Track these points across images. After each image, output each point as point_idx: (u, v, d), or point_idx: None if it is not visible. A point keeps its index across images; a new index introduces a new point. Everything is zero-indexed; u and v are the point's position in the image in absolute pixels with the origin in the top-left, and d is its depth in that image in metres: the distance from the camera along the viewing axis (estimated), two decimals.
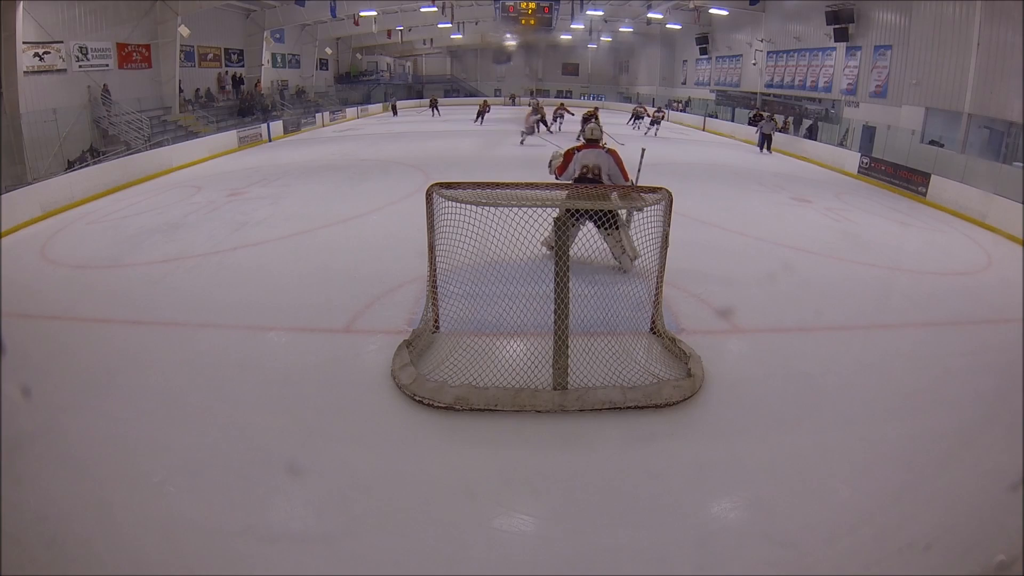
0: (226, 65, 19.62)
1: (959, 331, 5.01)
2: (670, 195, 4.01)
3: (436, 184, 3.93)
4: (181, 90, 16.43)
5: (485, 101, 22.12)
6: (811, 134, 16.92)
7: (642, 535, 2.61)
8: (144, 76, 14.94)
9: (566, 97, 36.11)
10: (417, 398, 3.52)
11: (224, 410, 3.51)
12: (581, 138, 11.21)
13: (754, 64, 21.31)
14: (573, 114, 18.74)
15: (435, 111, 25.42)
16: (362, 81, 30.61)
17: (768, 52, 20.40)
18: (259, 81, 20.41)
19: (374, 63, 32.65)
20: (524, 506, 2.78)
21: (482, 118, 20.81)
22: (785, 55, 19.61)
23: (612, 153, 5.56)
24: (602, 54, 35.23)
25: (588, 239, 4.67)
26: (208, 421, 3.38)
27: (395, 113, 26.78)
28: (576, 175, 5.51)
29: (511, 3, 21.38)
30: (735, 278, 5.75)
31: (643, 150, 6.47)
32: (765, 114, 17.92)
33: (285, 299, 5.13)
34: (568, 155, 5.61)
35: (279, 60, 23.16)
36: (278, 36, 22.61)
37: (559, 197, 3.79)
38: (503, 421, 3.39)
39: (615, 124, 19.12)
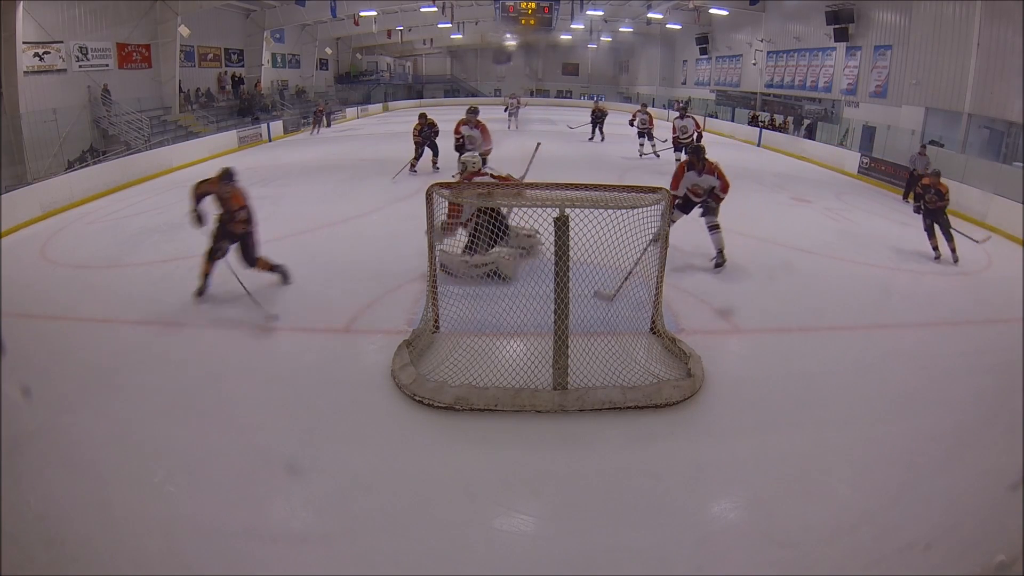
0: (226, 65, 19.62)
1: (959, 331, 5.01)
2: (670, 195, 4.01)
3: (436, 184, 3.94)
4: (182, 90, 16.43)
5: (424, 116, 10.58)
6: (810, 134, 16.93)
7: (642, 535, 2.61)
8: (144, 76, 14.94)
9: (566, 97, 36.14)
10: (417, 398, 3.52)
11: (224, 410, 3.51)
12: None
13: (754, 64, 21.31)
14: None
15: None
16: (362, 81, 30.62)
17: (768, 52, 20.39)
18: (259, 81, 20.41)
19: (374, 63, 32.65)
20: (524, 506, 2.78)
21: (428, 156, 10.67)
22: (785, 55, 19.60)
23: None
24: (602, 54, 35.22)
25: (586, 242, 4.57)
26: (208, 421, 3.38)
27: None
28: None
29: (511, 3, 21.37)
30: (735, 278, 5.75)
31: (538, 144, 6.37)
32: (919, 154, 10.36)
33: (285, 299, 5.13)
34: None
35: (279, 60, 23.16)
36: (278, 36, 22.60)
37: (560, 197, 3.79)
38: (503, 421, 3.39)
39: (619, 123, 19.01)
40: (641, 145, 13.49)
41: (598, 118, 16.31)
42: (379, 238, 7.00)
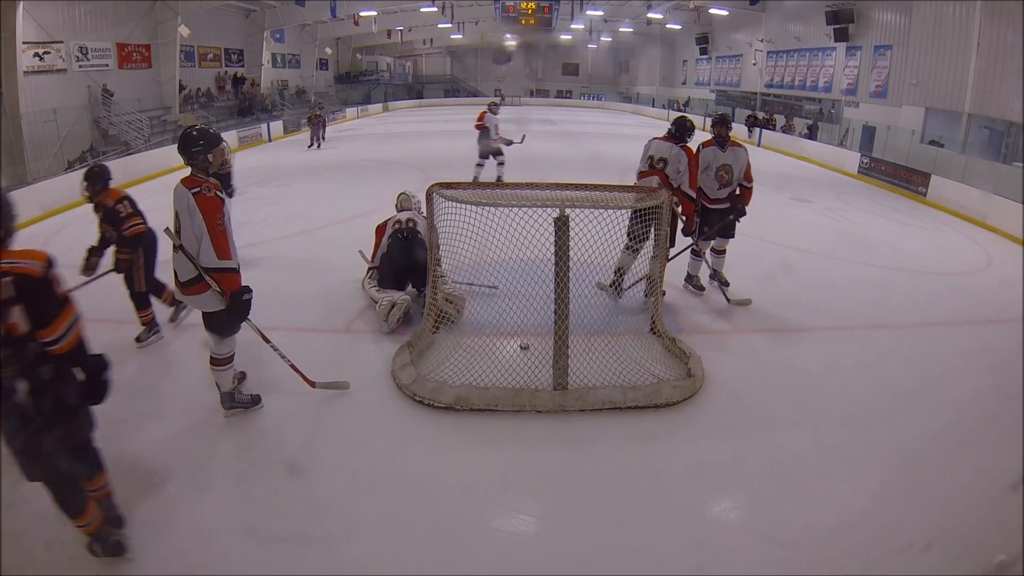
0: (226, 65, 19.64)
1: (959, 331, 5.01)
2: (669, 195, 4.01)
3: (436, 184, 3.94)
4: (184, 87, 16.44)
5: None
6: (810, 134, 16.93)
7: (642, 535, 2.61)
8: (144, 76, 14.96)
9: (566, 97, 36.13)
10: (417, 398, 3.52)
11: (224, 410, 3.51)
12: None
13: (754, 64, 21.33)
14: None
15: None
16: (362, 81, 30.64)
17: (768, 52, 20.41)
18: (254, 81, 20.40)
19: (374, 63, 32.69)
20: (524, 506, 2.78)
21: None
22: (785, 55, 19.62)
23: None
24: (602, 54, 35.25)
25: (586, 242, 4.47)
26: (208, 421, 3.38)
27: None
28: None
29: (511, 3, 21.39)
30: (735, 278, 5.74)
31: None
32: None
33: (285, 299, 5.12)
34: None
35: (279, 60, 23.18)
36: (278, 36, 22.62)
37: (560, 197, 3.79)
38: (503, 421, 3.39)
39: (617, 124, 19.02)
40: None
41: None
42: None
